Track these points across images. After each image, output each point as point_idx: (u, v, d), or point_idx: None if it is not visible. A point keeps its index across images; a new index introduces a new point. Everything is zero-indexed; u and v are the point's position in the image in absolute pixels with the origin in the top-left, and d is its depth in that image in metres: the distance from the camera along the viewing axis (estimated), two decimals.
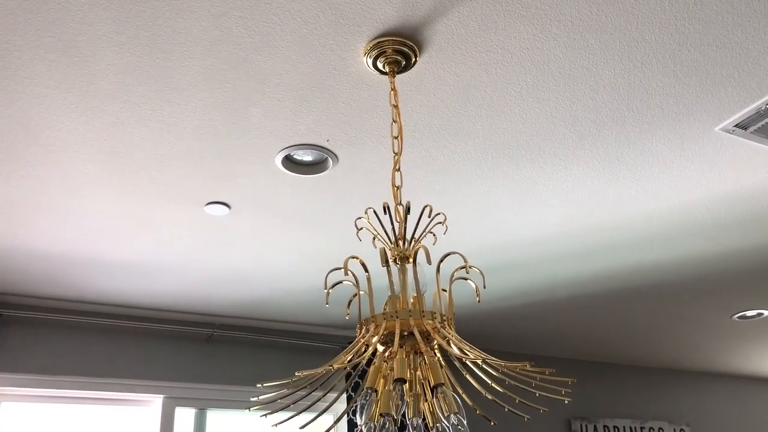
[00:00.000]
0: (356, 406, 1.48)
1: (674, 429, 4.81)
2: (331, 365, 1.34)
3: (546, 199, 2.52)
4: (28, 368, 3.18)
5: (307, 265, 2.99)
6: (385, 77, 1.81)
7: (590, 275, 3.26)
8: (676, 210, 2.64)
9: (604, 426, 4.55)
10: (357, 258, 1.51)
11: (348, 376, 1.42)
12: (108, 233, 2.64)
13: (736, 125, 2.12)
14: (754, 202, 2.60)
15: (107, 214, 2.49)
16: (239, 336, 3.61)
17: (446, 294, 1.62)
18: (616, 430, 4.59)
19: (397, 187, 1.64)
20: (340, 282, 1.61)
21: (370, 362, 1.53)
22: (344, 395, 3.28)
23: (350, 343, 1.60)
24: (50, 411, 3.39)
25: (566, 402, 1.47)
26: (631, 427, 4.65)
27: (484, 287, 1.60)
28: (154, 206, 2.45)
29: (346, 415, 3.72)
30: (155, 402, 3.43)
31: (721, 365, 5.03)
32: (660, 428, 4.76)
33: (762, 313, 3.89)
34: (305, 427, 1.56)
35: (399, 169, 1.64)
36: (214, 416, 3.60)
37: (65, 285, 3.11)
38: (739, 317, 3.95)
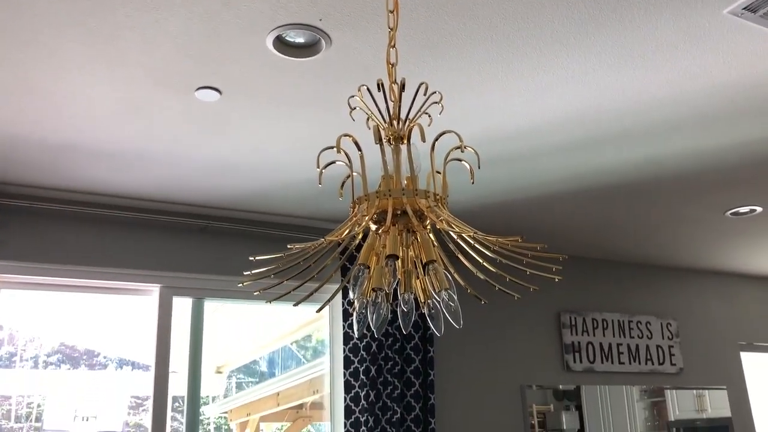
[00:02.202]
0: (349, 286, 1.49)
1: (661, 323, 4.94)
2: (324, 238, 1.34)
3: (544, 87, 2.46)
4: (24, 256, 3.21)
5: (300, 154, 2.96)
6: None
7: (584, 170, 3.25)
8: (678, 99, 2.59)
9: (593, 319, 4.67)
10: (350, 136, 1.48)
11: (339, 258, 1.43)
12: (98, 119, 2.59)
13: (745, 8, 2.04)
14: (756, 92, 2.54)
15: (96, 98, 2.43)
16: (234, 228, 3.63)
17: (440, 176, 1.61)
18: (605, 323, 4.71)
19: (392, 65, 1.59)
20: (333, 162, 1.59)
21: (361, 248, 1.53)
22: (337, 281, 3.34)
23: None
24: (52, 299, 3.46)
25: (556, 280, 1.48)
26: (619, 321, 4.77)
27: (479, 168, 1.58)
28: (144, 91, 2.39)
29: (340, 306, 3.77)
30: (153, 291, 3.49)
31: (711, 262, 5.11)
32: (647, 322, 4.89)
33: (755, 210, 3.90)
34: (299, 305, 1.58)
35: (394, 46, 1.58)
36: (211, 305, 3.67)
37: (58, 174, 3.09)
38: (732, 213, 3.97)
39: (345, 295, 3.63)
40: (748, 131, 2.88)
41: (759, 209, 3.90)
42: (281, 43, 2.14)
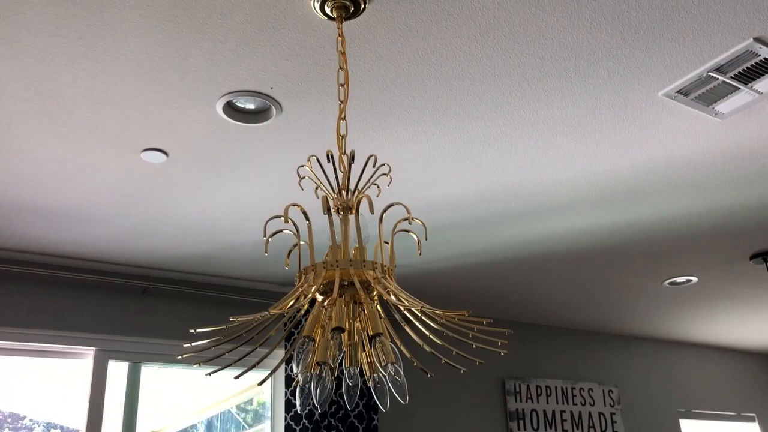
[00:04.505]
0: (292, 357, 1.46)
1: (603, 390, 4.98)
2: (268, 311, 1.31)
3: (490, 157, 2.52)
4: None
5: (247, 217, 2.93)
6: (333, 23, 1.76)
7: (527, 238, 3.31)
8: (616, 174, 2.68)
9: (537, 386, 4.68)
10: (298, 206, 1.48)
11: (284, 326, 1.39)
12: (38, 177, 2.52)
13: (678, 91, 2.15)
14: (689, 169, 2.66)
15: (37, 156, 2.37)
16: (176, 290, 3.54)
17: (388, 246, 1.61)
18: (548, 389, 4.72)
19: (342, 136, 1.61)
20: (280, 231, 1.58)
21: (307, 316, 1.50)
22: (281, 347, 3.27)
23: None
24: None
25: (502, 354, 1.48)
26: (562, 387, 4.79)
27: (426, 239, 1.59)
28: (88, 150, 2.34)
29: (283, 371, 3.69)
30: (87, 354, 3.34)
31: (650, 330, 5.22)
32: (590, 389, 4.92)
33: (691, 280, 4.03)
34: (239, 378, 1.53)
35: (344, 118, 1.60)
36: (148, 370, 3.54)
37: None
38: (670, 283, 4.08)
39: (288, 361, 3.55)
40: (682, 205, 3.00)
41: (695, 279, 4.03)
42: (231, 109, 2.14)
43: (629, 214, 3.07)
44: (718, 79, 2.09)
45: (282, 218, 1.52)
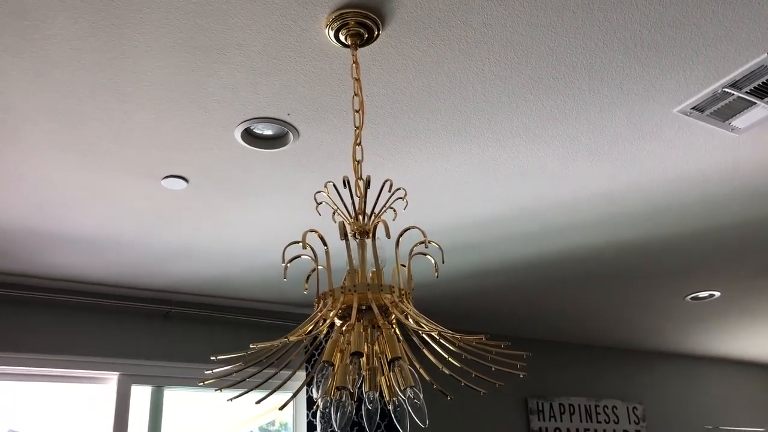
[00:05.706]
0: (313, 381, 1.47)
1: (627, 407, 4.92)
2: (287, 338, 1.32)
3: (505, 178, 2.53)
4: None
5: (266, 241, 2.97)
6: (347, 50, 1.79)
7: (547, 256, 3.30)
8: (633, 191, 2.68)
9: (560, 404, 4.64)
10: (315, 231, 1.50)
11: (306, 350, 1.41)
12: (61, 205, 2.57)
13: (693, 108, 2.15)
14: (707, 184, 2.65)
15: (61, 184, 2.42)
16: (197, 313, 3.57)
17: (405, 269, 1.62)
18: (572, 407, 4.68)
19: (358, 162, 1.63)
20: (299, 256, 1.60)
21: (327, 338, 1.52)
22: (302, 370, 3.28)
23: None
24: (2, 388, 3.31)
25: (521, 376, 1.48)
26: (586, 405, 4.75)
27: (443, 262, 1.60)
28: (110, 178, 2.39)
29: (304, 392, 3.70)
30: (111, 379, 3.38)
31: (674, 345, 5.16)
32: (614, 406, 4.87)
33: (714, 294, 3.99)
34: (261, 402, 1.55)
35: (360, 144, 1.62)
36: (171, 394, 3.56)
37: (17, 258, 3.03)
38: (692, 298, 4.04)
39: (310, 383, 3.56)
40: (702, 220, 2.98)
41: (717, 294, 3.98)
42: (249, 135, 2.18)
43: (649, 230, 3.05)
44: (733, 94, 2.09)
45: (300, 244, 1.54)
